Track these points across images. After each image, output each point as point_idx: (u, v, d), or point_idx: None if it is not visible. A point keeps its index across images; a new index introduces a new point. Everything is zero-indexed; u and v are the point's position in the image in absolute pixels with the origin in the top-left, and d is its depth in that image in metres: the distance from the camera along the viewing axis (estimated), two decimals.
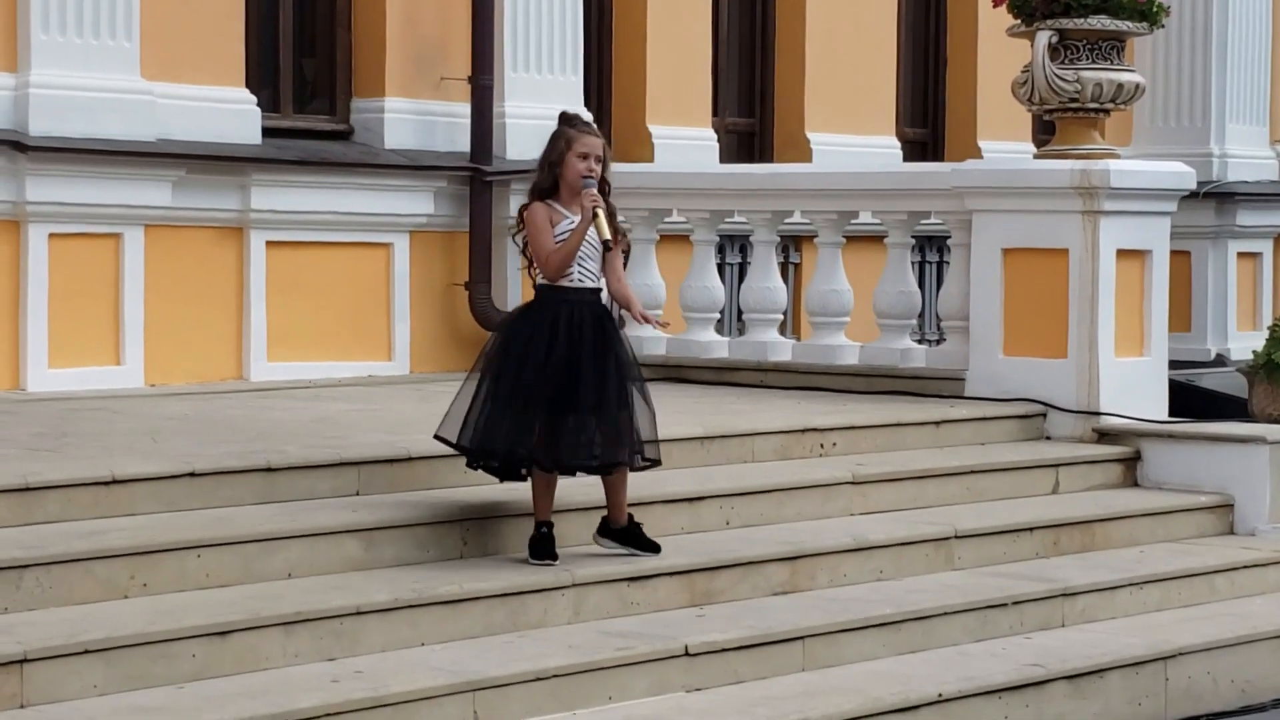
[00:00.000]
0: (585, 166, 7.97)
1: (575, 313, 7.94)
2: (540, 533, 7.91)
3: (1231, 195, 16.31)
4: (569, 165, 7.99)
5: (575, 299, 7.98)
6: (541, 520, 7.93)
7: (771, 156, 14.96)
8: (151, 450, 8.43)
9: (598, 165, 8.00)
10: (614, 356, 7.95)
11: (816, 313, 11.86)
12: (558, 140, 8.04)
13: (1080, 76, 10.85)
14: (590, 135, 8.03)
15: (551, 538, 7.91)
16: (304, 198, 11.86)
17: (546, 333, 7.90)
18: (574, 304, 7.96)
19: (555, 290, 8.00)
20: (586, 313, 7.97)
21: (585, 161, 7.98)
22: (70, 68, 10.91)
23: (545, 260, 7.98)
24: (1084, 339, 10.73)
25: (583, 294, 8.00)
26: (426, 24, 12.55)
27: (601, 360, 7.90)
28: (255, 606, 7.05)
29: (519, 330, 8.01)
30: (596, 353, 7.90)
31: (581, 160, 7.98)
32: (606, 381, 7.89)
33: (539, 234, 7.99)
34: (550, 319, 7.93)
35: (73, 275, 10.90)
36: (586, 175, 7.96)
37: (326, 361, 11.96)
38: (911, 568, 8.86)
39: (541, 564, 7.84)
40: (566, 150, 7.99)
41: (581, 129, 8.04)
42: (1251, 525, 10.24)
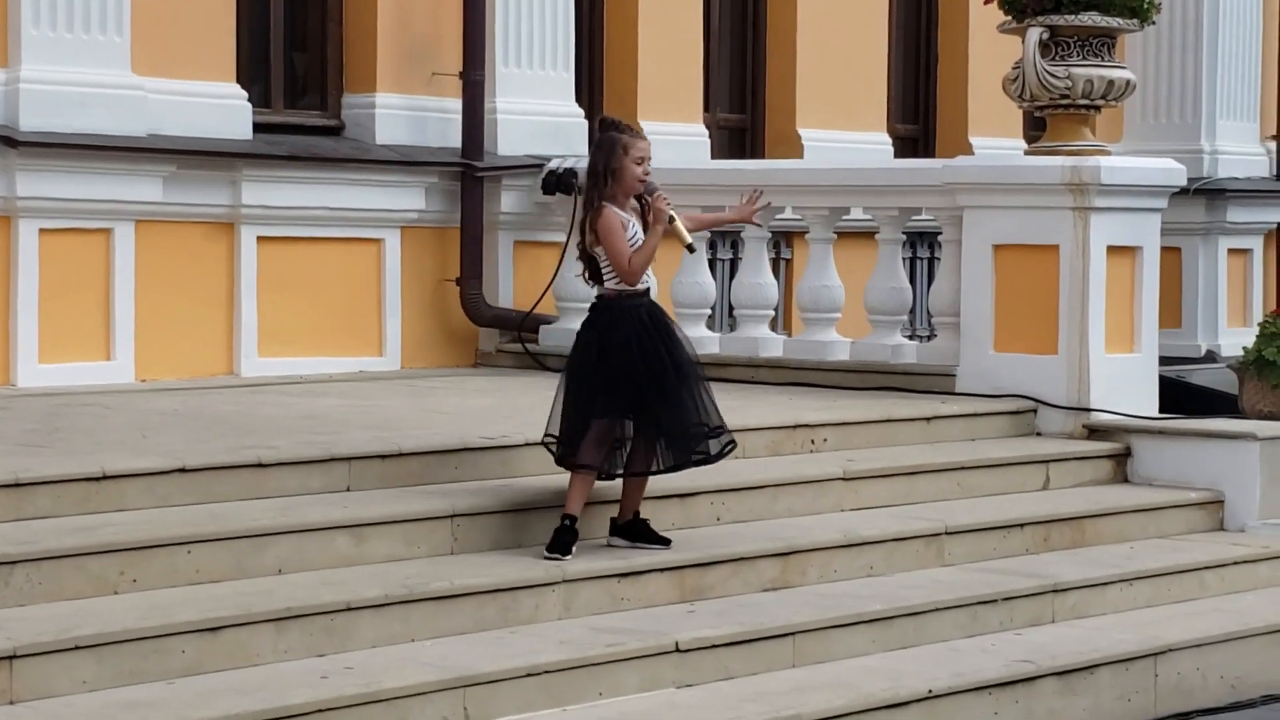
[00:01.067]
0: (641, 171, 8.10)
1: (645, 317, 8.07)
2: (564, 524, 7.95)
3: (1222, 192, 16.33)
4: (627, 171, 8.08)
5: (644, 302, 8.14)
6: (570, 514, 7.97)
7: (763, 152, 14.96)
8: (142, 446, 8.43)
9: (648, 168, 8.13)
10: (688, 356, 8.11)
11: (808, 309, 11.86)
12: (614, 147, 8.12)
13: (1071, 73, 10.85)
14: (642, 139, 8.19)
15: (574, 532, 7.94)
16: (295, 193, 11.86)
17: (640, 338, 8.01)
18: (649, 307, 8.13)
19: (631, 296, 8.10)
20: (652, 316, 8.11)
21: (641, 166, 8.10)
22: (61, 63, 10.90)
23: (628, 265, 8.06)
24: (1074, 335, 10.74)
25: (644, 295, 8.15)
26: (418, 19, 12.54)
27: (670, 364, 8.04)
28: (246, 602, 7.05)
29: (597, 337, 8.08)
30: (665, 356, 8.05)
31: (638, 165, 8.09)
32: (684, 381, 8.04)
33: (618, 239, 8.06)
34: (638, 324, 8.04)
35: (63, 271, 10.89)
36: (644, 179, 8.07)
37: (317, 357, 11.95)
38: (902, 564, 8.87)
39: (549, 557, 7.84)
40: (624, 156, 8.09)
41: (632, 134, 8.17)
42: (1241, 521, 10.25)
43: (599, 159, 8.15)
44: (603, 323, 8.13)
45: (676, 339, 8.12)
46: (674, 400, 8.01)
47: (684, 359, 8.09)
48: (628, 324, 8.05)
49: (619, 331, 8.04)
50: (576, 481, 8.05)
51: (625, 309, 8.08)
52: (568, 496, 8.04)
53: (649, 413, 8.01)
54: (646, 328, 8.05)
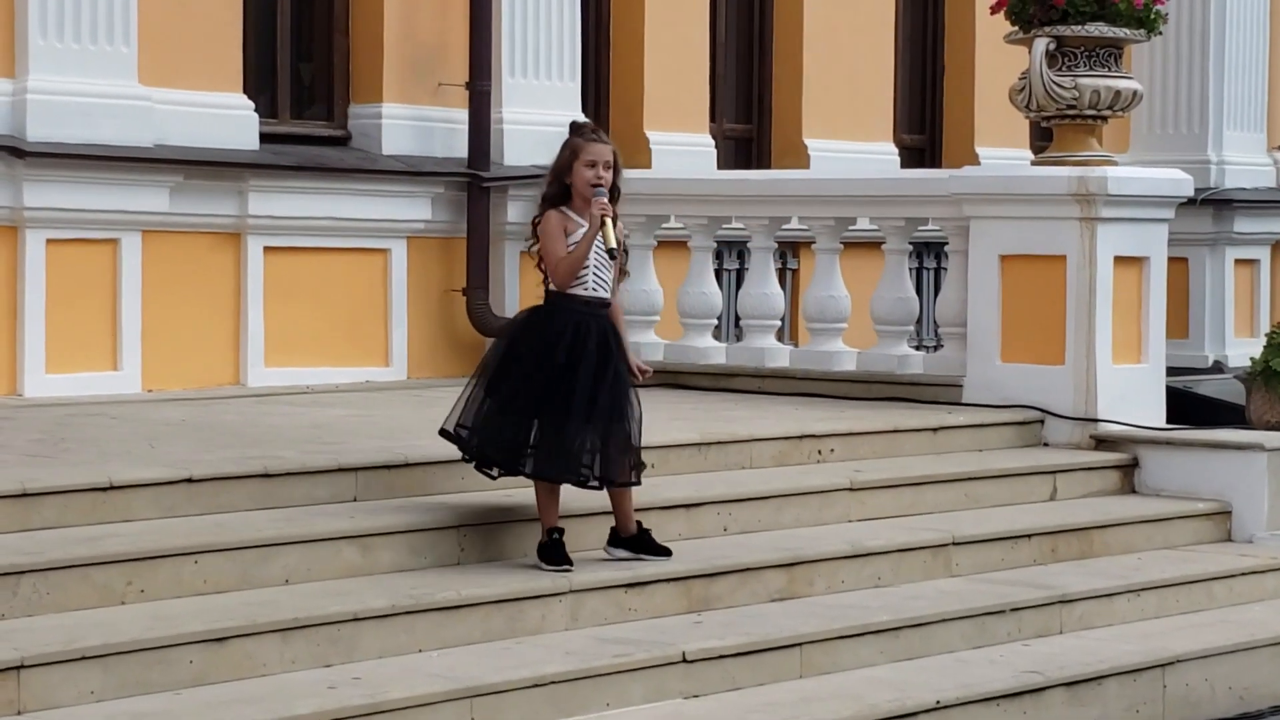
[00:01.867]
0: (594, 175, 7.99)
1: (583, 324, 7.95)
2: (551, 539, 7.91)
3: (1229, 202, 16.31)
4: (577, 174, 8.00)
5: (585, 310, 8.00)
6: (551, 527, 7.93)
7: (769, 163, 14.96)
8: (149, 456, 8.42)
9: (607, 173, 8.02)
10: (614, 370, 7.95)
11: (814, 319, 11.86)
12: (565, 149, 8.06)
13: (1078, 83, 10.85)
14: (598, 143, 8.05)
15: (562, 544, 7.90)
16: (301, 203, 11.86)
17: (553, 340, 7.91)
18: (583, 314, 7.98)
19: (566, 298, 8.01)
20: (593, 325, 7.98)
21: (593, 170, 7.99)
22: (68, 73, 10.91)
23: (554, 268, 7.99)
24: (1081, 346, 10.73)
25: (594, 305, 8.02)
26: (424, 30, 12.55)
27: (601, 373, 7.91)
28: (253, 613, 7.04)
29: (526, 334, 8.02)
30: (598, 365, 7.91)
31: (589, 169, 7.99)
32: (600, 395, 7.89)
33: (551, 241, 8.01)
34: (558, 327, 7.94)
35: (70, 281, 10.90)
36: (595, 183, 7.98)
37: (324, 367, 11.95)
38: (909, 574, 8.86)
39: (557, 569, 7.82)
40: (574, 159, 8.01)
41: (589, 137, 8.07)
42: (1249, 532, 10.24)
43: (555, 160, 8.10)
44: (528, 321, 8.07)
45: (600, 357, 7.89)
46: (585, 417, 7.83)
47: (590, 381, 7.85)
48: (548, 328, 7.93)
49: (536, 334, 7.94)
50: (543, 496, 7.94)
51: (555, 311, 7.98)
52: (544, 513, 7.93)
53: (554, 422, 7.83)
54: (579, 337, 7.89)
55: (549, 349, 7.90)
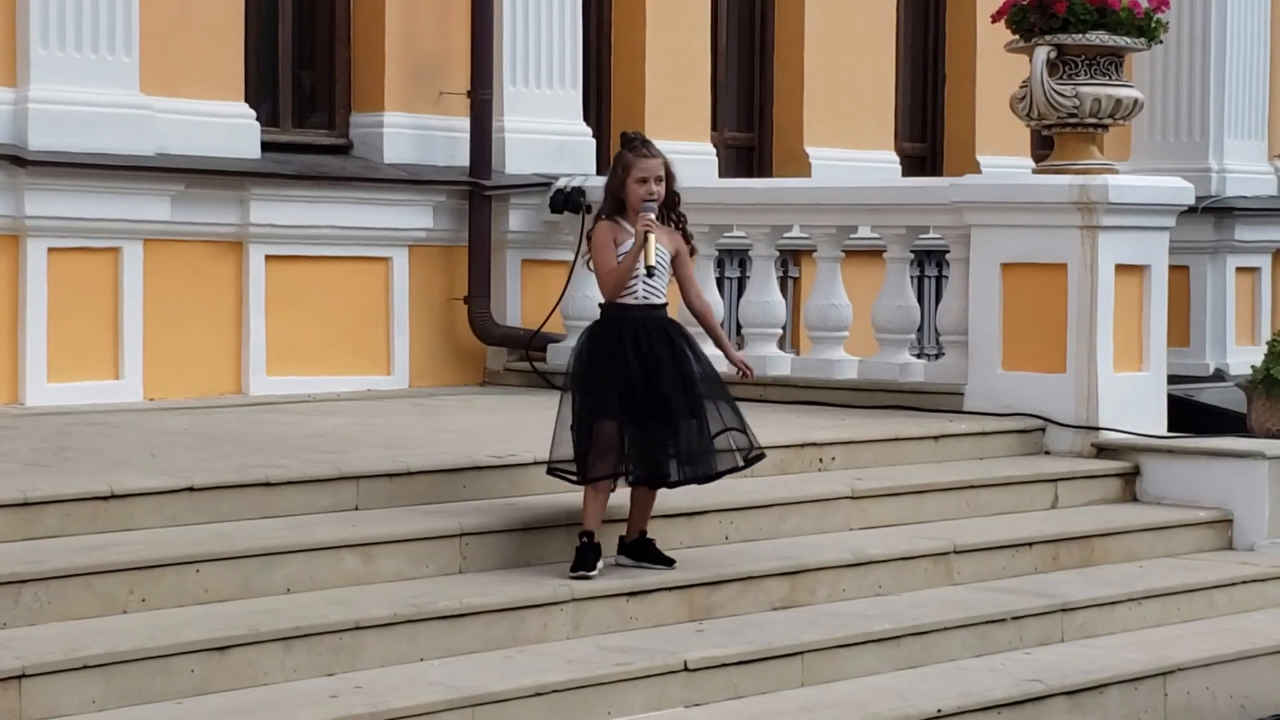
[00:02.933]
0: (645, 190, 8.07)
1: (641, 329, 8.02)
2: (592, 542, 7.94)
3: (1230, 210, 16.32)
4: (630, 191, 8.09)
5: (640, 316, 8.06)
6: (588, 530, 7.96)
7: (770, 171, 14.96)
8: (150, 465, 8.43)
9: (659, 186, 8.08)
10: (686, 370, 8.03)
11: (815, 327, 11.86)
12: (616, 166, 8.14)
13: (1079, 92, 10.85)
14: (647, 158, 8.11)
15: (592, 548, 7.93)
16: (303, 212, 11.87)
17: (619, 349, 7.98)
18: (639, 321, 8.05)
19: (619, 308, 8.08)
20: (653, 329, 8.06)
21: (645, 185, 8.07)
22: (69, 82, 10.92)
23: (603, 279, 8.10)
24: (1083, 354, 10.73)
25: (648, 311, 8.08)
26: (426, 38, 12.56)
27: (673, 375, 7.99)
28: (254, 621, 7.05)
29: (587, 348, 8.09)
30: (668, 367, 7.99)
31: (641, 185, 8.07)
32: (679, 395, 7.97)
33: (600, 253, 8.10)
34: (616, 336, 8.01)
35: (72, 290, 10.90)
36: (647, 199, 8.05)
37: (325, 376, 11.95)
38: (911, 583, 8.86)
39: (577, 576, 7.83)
40: (625, 176, 8.09)
41: (639, 152, 8.13)
42: (1250, 540, 10.24)
43: (609, 178, 8.21)
44: (588, 334, 8.15)
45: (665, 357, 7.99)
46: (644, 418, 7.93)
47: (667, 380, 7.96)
48: (609, 335, 8.01)
49: (599, 342, 8.04)
50: (589, 495, 8.04)
51: (612, 320, 8.06)
52: (583, 512, 8.03)
53: (640, 424, 7.96)
54: (624, 341, 7.97)
55: (622, 358, 7.97)
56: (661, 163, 8.12)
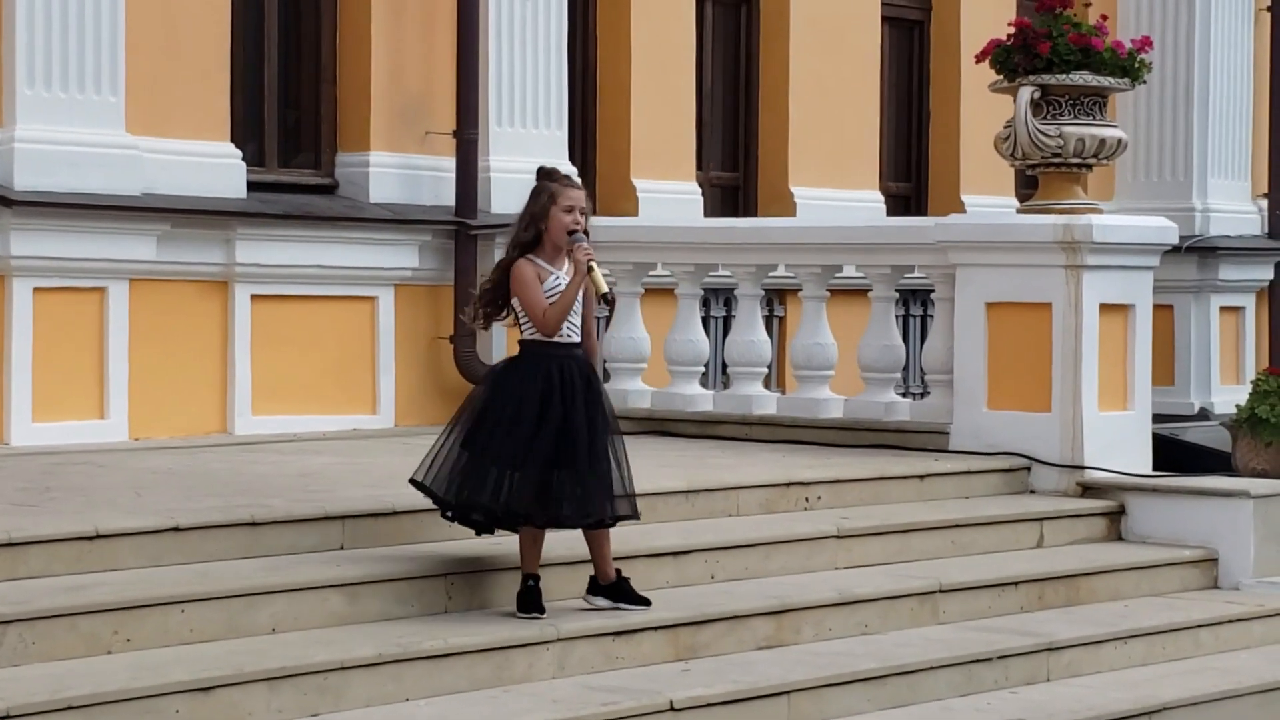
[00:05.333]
0: (570, 220, 7.99)
1: (565, 368, 7.95)
2: (527, 585, 7.91)
3: (1214, 249, 16.38)
4: (554, 219, 8.00)
5: (563, 354, 7.99)
6: (529, 574, 7.93)
7: (755, 210, 14.99)
8: (135, 505, 8.41)
9: (583, 218, 8.01)
10: (600, 412, 7.97)
11: (801, 366, 11.87)
12: (540, 194, 8.05)
13: (1063, 131, 10.88)
14: (573, 188, 8.06)
15: (539, 590, 7.90)
16: (289, 251, 11.87)
17: (540, 388, 7.90)
18: (563, 359, 7.98)
19: (545, 345, 8.00)
20: (574, 368, 7.98)
21: (570, 215, 7.99)
22: (55, 122, 10.92)
23: (543, 317, 7.96)
24: (1068, 393, 10.75)
25: (569, 349, 8.01)
26: (411, 78, 12.58)
27: (590, 416, 7.92)
28: (239, 662, 7.03)
29: (508, 385, 7.99)
30: (586, 409, 7.92)
31: (567, 214, 7.99)
32: (596, 437, 7.91)
33: (531, 290, 7.98)
34: (542, 374, 7.93)
35: (57, 329, 10.89)
36: (572, 229, 7.97)
37: (311, 415, 11.94)
38: (897, 621, 8.85)
39: (529, 617, 7.83)
40: (551, 204, 8.00)
41: (564, 182, 8.07)
42: (1235, 579, 10.24)
43: (527, 205, 8.08)
44: (508, 370, 8.05)
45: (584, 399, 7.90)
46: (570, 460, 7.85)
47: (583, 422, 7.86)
48: (532, 376, 7.91)
49: (517, 382, 7.93)
50: (523, 538, 7.95)
51: (535, 357, 7.97)
52: (524, 556, 7.94)
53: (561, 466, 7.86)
54: (562, 382, 7.89)
55: (540, 398, 7.88)
56: (584, 195, 8.08)
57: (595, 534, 8.03)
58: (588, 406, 7.92)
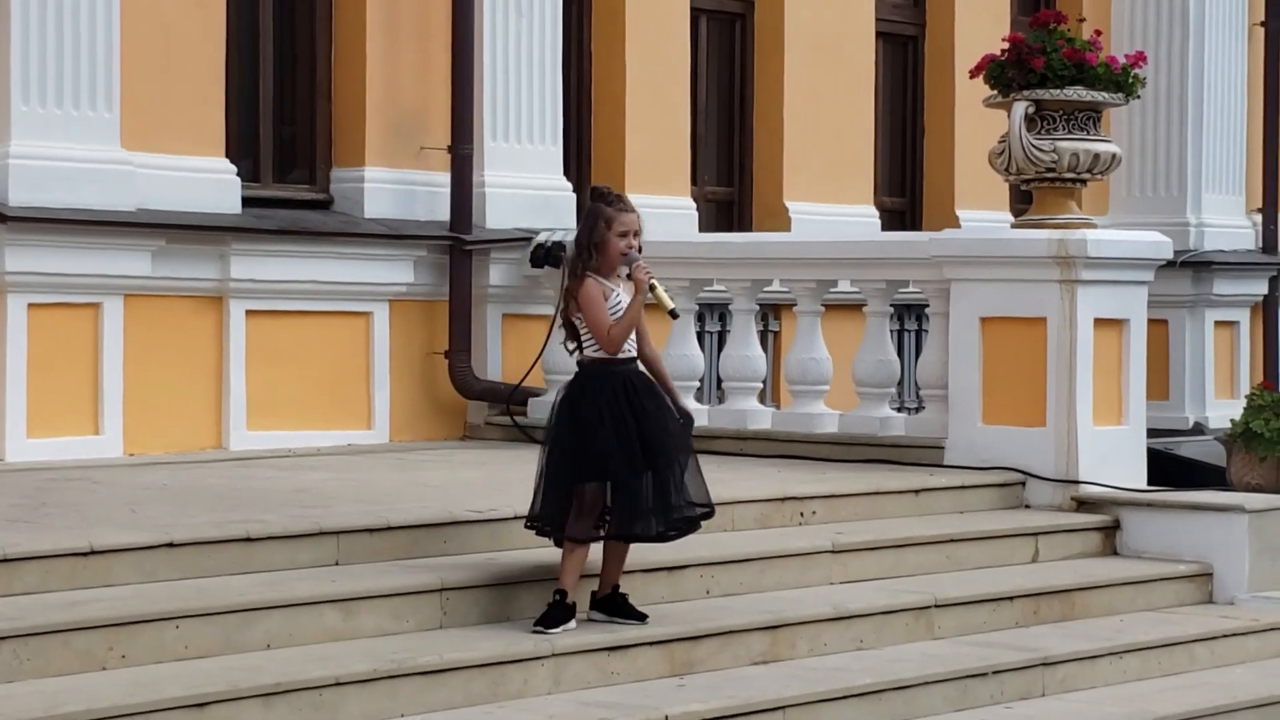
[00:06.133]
0: (625, 244, 8.11)
1: (628, 383, 8.07)
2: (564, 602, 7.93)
3: (1208, 264, 16.39)
4: (610, 245, 8.11)
5: (625, 370, 8.11)
6: (563, 589, 7.96)
7: (750, 225, 15.00)
8: (130, 520, 8.41)
9: (637, 239, 8.13)
10: (669, 423, 8.08)
11: (796, 381, 11.88)
12: (597, 220, 8.14)
13: (1057, 147, 10.90)
14: (628, 212, 8.16)
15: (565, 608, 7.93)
16: (284, 267, 11.87)
17: (611, 405, 7.99)
18: (625, 375, 8.10)
19: (607, 363, 8.08)
20: (639, 382, 8.11)
21: (624, 239, 8.10)
22: (50, 138, 10.92)
23: (608, 335, 8.06)
24: (1062, 407, 10.76)
25: (630, 364, 8.14)
26: (406, 94, 12.59)
27: (660, 427, 8.03)
28: (234, 678, 7.02)
29: (575, 404, 8.07)
30: (655, 420, 8.03)
31: (621, 239, 8.09)
32: (666, 447, 8.01)
33: (598, 308, 8.07)
34: (610, 392, 8.02)
35: (52, 345, 10.89)
36: (627, 251, 8.10)
37: (306, 430, 11.94)
38: (892, 637, 8.85)
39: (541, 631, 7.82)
40: (607, 230, 8.10)
41: (619, 207, 8.16)
42: (1230, 594, 10.24)
43: (583, 230, 8.19)
44: (575, 391, 8.13)
45: (651, 410, 8.05)
46: (638, 473, 7.96)
47: (656, 431, 8.03)
48: (602, 391, 8.03)
49: (589, 399, 8.03)
50: (566, 554, 8.04)
51: (600, 375, 8.08)
52: (562, 570, 8.02)
53: (616, 480, 7.98)
54: (618, 396, 8.01)
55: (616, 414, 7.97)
56: (638, 218, 8.19)
57: (618, 548, 8.13)
58: (658, 419, 8.04)
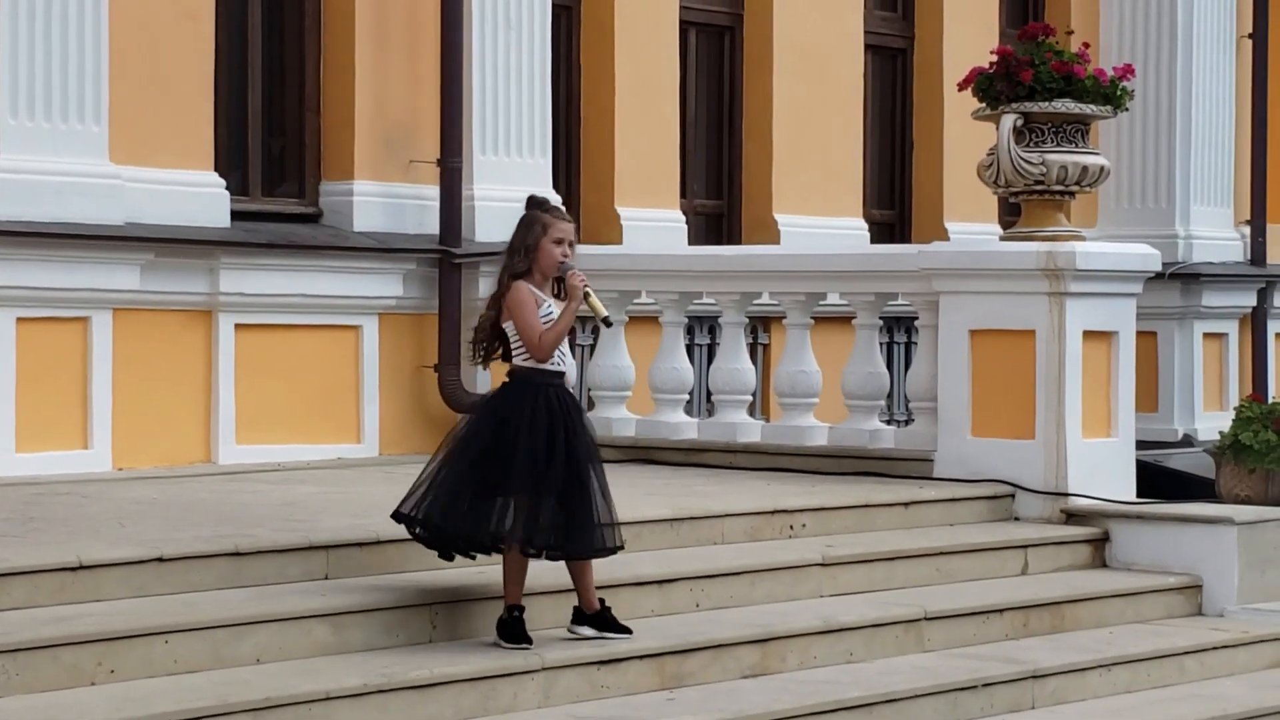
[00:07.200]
0: (560, 251, 8.05)
1: (554, 396, 7.98)
2: (513, 616, 7.90)
3: (1197, 276, 16.40)
4: (545, 251, 8.04)
5: (553, 382, 8.02)
6: (514, 604, 7.92)
7: (739, 238, 15.00)
8: (119, 535, 8.40)
9: (571, 249, 8.08)
10: (584, 442, 7.99)
11: (785, 394, 11.88)
12: (533, 225, 8.08)
13: (1045, 159, 10.91)
14: (564, 220, 8.12)
15: (523, 621, 7.89)
16: (273, 280, 11.87)
17: (538, 416, 7.91)
18: (553, 387, 8.01)
19: (535, 373, 8.02)
20: (564, 396, 8.02)
21: (560, 247, 8.05)
22: (39, 152, 10.91)
23: (539, 341, 7.98)
24: (1051, 420, 10.76)
25: (558, 377, 8.05)
26: (395, 107, 12.59)
27: (574, 445, 7.93)
28: (224, 693, 7.02)
29: (498, 412, 8.00)
30: (570, 438, 7.93)
31: (557, 245, 8.04)
32: (579, 466, 7.92)
33: (528, 312, 8.00)
34: (531, 402, 7.94)
35: (40, 359, 10.87)
36: (563, 259, 8.03)
37: (295, 444, 11.93)
38: (882, 650, 8.86)
39: (516, 647, 7.81)
40: (543, 235, 8.05)
41: (555, 214, 8.12)
42: (1220, 606, 10.25)
43: (519, 235, 8.11)
44: (504, 399, 8.03)
45: (579, 428, 7.97)
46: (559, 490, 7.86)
47: (580, 452, 7.92)
48: (534, 401, 7.93)
49: (521, 408, 7.92)
50: (511, 568, 7.93)
51: (532, 386, 7.98)
52: (505, 586, 7.93)
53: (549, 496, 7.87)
54: (552, 409, 7.92)
55: (529, 425, 7.88)
56: (574, 226, 8.16)
57: (579, 565, 8.04)
58: (573, 436, 7.94)
